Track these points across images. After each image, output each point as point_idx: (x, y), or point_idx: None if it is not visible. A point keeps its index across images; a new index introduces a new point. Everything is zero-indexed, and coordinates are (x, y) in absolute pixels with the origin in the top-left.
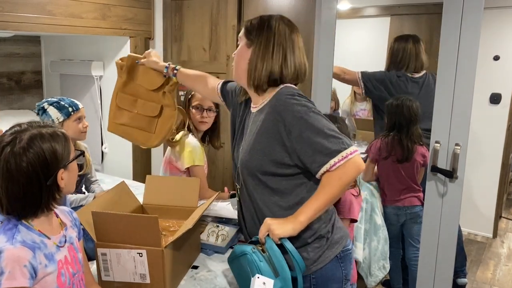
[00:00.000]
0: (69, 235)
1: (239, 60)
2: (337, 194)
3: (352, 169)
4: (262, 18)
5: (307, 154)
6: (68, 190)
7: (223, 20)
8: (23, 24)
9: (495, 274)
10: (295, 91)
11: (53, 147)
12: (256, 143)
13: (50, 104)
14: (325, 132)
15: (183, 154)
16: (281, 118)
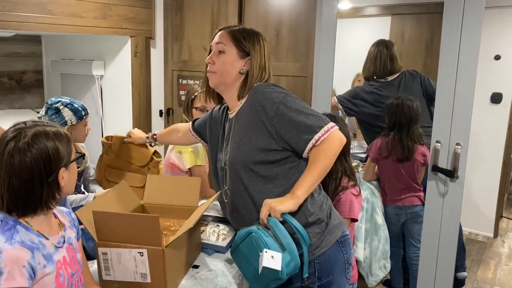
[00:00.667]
0: (68, 235)
1: (229, 69)
2: (327, 166)
3: (335, 140)
4: (247, 30)
5: (292, 134)
6: (67, 190)
7: (224, 19)
8: (24, 23)
9: (496, 273)
10: (269, 83)
11: (56, 145)
12: (242, 137)
13: (64, 105)
14: (305, 112)
15: (185, 154)
16: (261, 107)
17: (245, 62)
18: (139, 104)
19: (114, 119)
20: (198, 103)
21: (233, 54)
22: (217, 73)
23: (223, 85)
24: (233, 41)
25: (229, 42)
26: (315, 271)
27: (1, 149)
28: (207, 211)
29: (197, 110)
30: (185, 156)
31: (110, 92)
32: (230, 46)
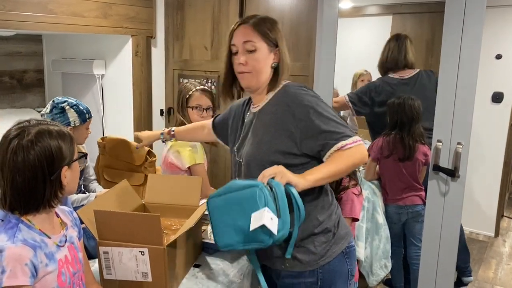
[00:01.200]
0: (70, 234)
1: (263, 66)
2: (342, 171)
3: (358, 154)
4: (267, 19)
5: (319, 140)
6: (70, 189)
7: (225, 18)
8: (25, 23)
9: (497, 273)
10: (301, 84)
11: (59, 144)
12: (264, 136)
13: (70, 106)
14: (335, 120)
15: (184, 153)
16: (290, 108)
17: (275, 54)
18: (140, 103)
19: (115, 119)
20: (194, 102)
21: (264, 50)
22: (252, 72)
23: (257, 83)
24: (261, 35)
25: (257, 38)
26: (318, 280)
27: (4, 147)
28: None
29: (193, 109)
30: (183, 155)
31: (111, 91)
32: (260, 42)
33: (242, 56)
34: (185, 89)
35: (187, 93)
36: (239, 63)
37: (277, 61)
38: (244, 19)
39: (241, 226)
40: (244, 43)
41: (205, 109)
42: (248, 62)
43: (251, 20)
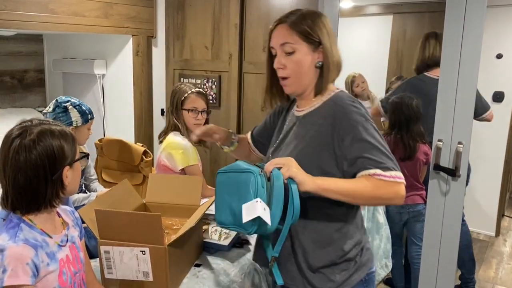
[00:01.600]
0: (71, 234)
1: (304, 69)
2: (362, 197)
3: (392, 192)
4: (307, 15)
5: (356, 165)
6: (71, 189)
7: (226, 18)
8: (26, 22)
9: (498, 272)
10: (354, 99)
11: (61, 144)
12: (306, 147)
13: (73, 106)
14: (380, 148)
15: (176, 156)
16: (336, 123)
17: (319, 53)
18: (141, 103)
19: (115, 118)
20: (189, 104)
21: (304, 50)
22: (292, 77)
23: (301, 87)
24: (300, 35)
25: (295, 38)
26: None
27: (6, 146)
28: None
29: (188, 111)
30: (176, 157)
31: (111, 91)
32: (299, 42)
33: (281, 58)
34: (180, 91)
35: (182, 95)
36: (278, 67)
37: (321, 59)
38: (282, 18)
39: (233, 208)
40: (281, 46)
41: (200, 111)
42: (287, 65)
43: (289, 18)
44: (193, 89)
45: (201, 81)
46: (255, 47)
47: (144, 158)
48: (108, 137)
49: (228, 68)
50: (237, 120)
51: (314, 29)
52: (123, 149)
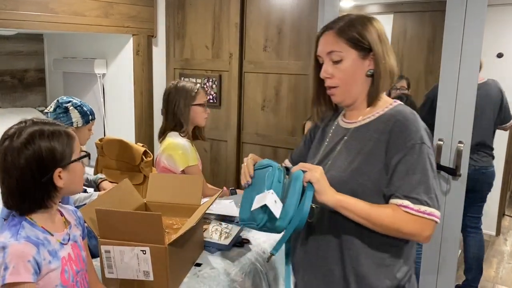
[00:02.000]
0: (73, 233)
1: (353, 77)
2: (382, 226)
3: (415, 228)
4: (356, 20)
5: (391, 187)
6: (71, 190)
7: (226, 17)
8: (26, 22)
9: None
10: (416, 116)
11: (51, 145)
12: (361, 165)
13: (74, 106)
14: (421, 178)
15: (176, 157)
16: (391, 140)
17: (370, 60)
18: (141, 102)
19: (116, 118)
20: (201, 99)
21: (353, 58)
22: (340, 86)
23: (350, 98)
24: (348, 42)
25: (343, 45)
26: None
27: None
28: (210, 210)
29: (201, 106)
30: (176, 158)
31: (112, 90)
32: (347, 50)
33: (328, 67)
34: (189, 88)
35: (193, 91)
36: (324, 77)
37: (373, 67)
38: (329, 24)
39: (251, 202)
40: (328, 55)
41: (207, 106)
42: (335, 74)
43: (336, 24)
44: (198, 84)
45: (201, 81)
46: (255, 47)
47: (144, 158)
48: (109, 136)
49: (228, 68)
50: (238, 119)
51: (363, 34)
52: (124, 149)
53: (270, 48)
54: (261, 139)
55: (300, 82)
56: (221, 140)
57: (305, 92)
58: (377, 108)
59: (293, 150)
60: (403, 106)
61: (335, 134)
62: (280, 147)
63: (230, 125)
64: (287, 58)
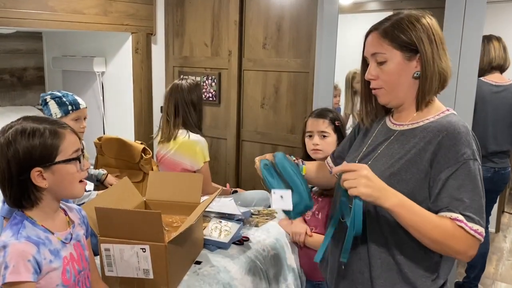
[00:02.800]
0: (76, 232)
1: (398, 79)
2: (427, 237)
3: (464, 246)
4: (403, 20)
5: (441, 202)
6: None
7: (225, 15)
8: (25, 20)
9: (498, 268)
10: (468, 130)
11: (30, 145)
12: (400, 171)
13: (52, 98)
14: (474, 195)
15: (195, 154)
16: (440, 153)
17: (417, 61)
18: (141, 100)
19: (115, 116)
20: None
21: (398, 60)
22: (384, 88)
23: (396, 99)
24: (392, 43)
25: (387, 47)
26: None
27: None
28: (210, 207)
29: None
30: (195, 156)
31: (111, 88)
32: (391, 51)
33: (372, 69)
34: (199, 85)
35: (201, 89)
36: (368, 78)
37: (420, 69)
38: (376, 24)
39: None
40: (372, 56)
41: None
42: (380, 75)
43: (382, 25)
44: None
45: (200, 78)
46: (254, 44)
47: (144, 156)
48: (107, 135)
49: (227, 65)
50: (237, 117)
51: (410, 35)
52: (122, 147)
53: (269, 46)
54: (260, 136)
55: (300, 80)
56: (221, 138)
57: (305, 89)
58: (427, 113)
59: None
60: (456, 116)
61: (379, 133)
62: (280, 145)
63: (230, 123)
64: (286, 56)
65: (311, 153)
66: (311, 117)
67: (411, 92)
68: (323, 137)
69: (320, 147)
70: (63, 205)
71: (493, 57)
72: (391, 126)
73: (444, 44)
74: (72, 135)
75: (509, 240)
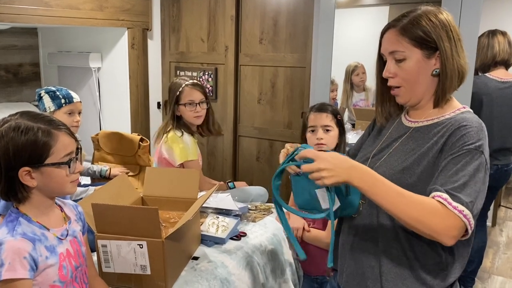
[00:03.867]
0: (73, 228)
1: (417, 77)
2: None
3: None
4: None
5: (436, 181)
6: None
7: (221, 10)
8: (20, 16)
9: (494, 262)
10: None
11: (21, 142)
12: (413, 165)
13: (46, 92)
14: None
15: (176, 150)
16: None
17: (436, 59)
18: (137, 96)
19: (112, 111)
20: (186, 98)
21: (417, 57)
22: (404, 87)
23: (415, 97)
24: (411, 41)
25: (406, 44)
26: None
27: None
28: (207, 203)
29: (185, 106)
30: (176, 152)
31: (107, 84)
32: (410, 49)
33: (391, 67)
34: (175, 85)
35: (177, 90)
36: (387, 76)
37: (439, 67)
38: (393, 21)
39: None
40: (390, 54)
41: (198, 103)
42: (398, 73)
43: (400, 22)
44: (188, 81)
45: (197, 74)
46: (251, 39)
47: (141, 144)
48: (104, 130)
49: (224, 61)
50: (234, 112)
51: (429, 32)
52: (120, 140)
53: (266, 41)
54: (257, 132)
55: (297, 74)
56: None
57: (301, 84)
58: (444, 111)
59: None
60: (472, 114)
61: (394, 130)
62: (277, 140)
63: (227, 119)
64: (283, 51)
65: (314, 147)
66: (313, 112)
67: (430, 90)
68: (327, 131)
69: (324, 141)
70: (58, 201)
71: (497, 51)
72: (406, 123)
73: (461, 40)
74: (66, 137)
75: (506, 234)
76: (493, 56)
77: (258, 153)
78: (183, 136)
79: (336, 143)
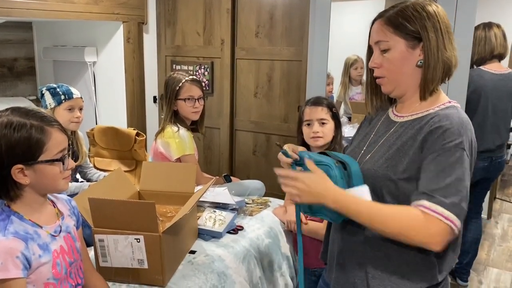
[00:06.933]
0: (66, 224)
1: (400, 67)
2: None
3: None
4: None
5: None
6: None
7: (217, 3)
8: (14, 9)
9: (490, 254)
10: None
11: (14, 140)
12: (395, 161)
13: (47, 89)
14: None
15: (172, 145)
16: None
17: (420, 49)
18: (133, 90)
19: (107, 106)
20: (185, 93)
21: (400, 48)
22: (387, 77)
23: (399, 88)
24: (395, 30)
25: (390, 34)
26: None
27: None
28: (204, 197)
29: (185, 101)
30: (172, 147)
31: (103, 78)
32: (394, 39)
33: (375, 57)
34: (174, 80)
35: (177, 85)
36: (372, 66)
37: (423, 58)
38: (382, 12)
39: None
40: (376, 44)
41: (197, 99)
42: (383, 64)
43: (386, 13)
44: (187, 77)
45: (193, 68)
46: (247, 33)
47: (137, 138)
48: (100, 125)
49: (220, 54)
50: (230, 106)
51: (414, 22)
52: (115, 135)
53: (262, 34)
54: (254, 126)
55: (293, 68)
56: (214, 127)
57: (298, 78)
58: (429, 105)
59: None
60: (456, 109)
61: (382, 125)
62: (273, 134)
63: (223, 113)
64: (279, 44)
65: (310, 141)
66: (308, 106)
67: (414, 81)
68: (322, 124)
69: (320, 134)
70: (51, 197)
71: (495, 44)
72: (392, 117)
73: (451, 33)
74: (59, 134)
75: (501, 226)
76: (491, 50)
77: (254, 147)
78: (179, 131)
79: (332, 135)
